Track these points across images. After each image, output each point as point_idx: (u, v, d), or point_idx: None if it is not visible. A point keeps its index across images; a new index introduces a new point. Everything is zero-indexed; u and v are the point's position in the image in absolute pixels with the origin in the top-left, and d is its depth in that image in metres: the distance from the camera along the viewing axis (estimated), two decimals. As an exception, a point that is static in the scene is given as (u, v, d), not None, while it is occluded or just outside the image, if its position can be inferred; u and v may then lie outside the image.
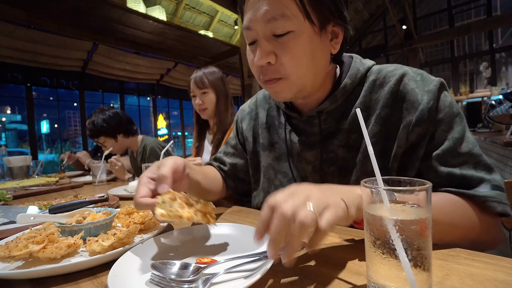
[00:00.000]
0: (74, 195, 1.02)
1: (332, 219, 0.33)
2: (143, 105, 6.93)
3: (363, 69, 0.60)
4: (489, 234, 0.50)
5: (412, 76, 0.55)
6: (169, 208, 0.44)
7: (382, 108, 0.56)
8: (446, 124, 0.52)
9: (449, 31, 7.40)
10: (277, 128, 0.73)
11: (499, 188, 0.49)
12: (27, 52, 4.04)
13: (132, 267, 0.43)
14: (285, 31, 0.50)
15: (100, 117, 1.70)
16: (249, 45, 0.57)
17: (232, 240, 0.52)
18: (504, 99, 2.79)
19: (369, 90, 0.58)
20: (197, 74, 1.41)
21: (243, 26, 0.55)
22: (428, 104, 0.51)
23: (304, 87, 0.56)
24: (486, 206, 0.48)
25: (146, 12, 4.19)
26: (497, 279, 0.34)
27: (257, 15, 0.51)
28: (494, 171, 0.51)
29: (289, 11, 0.49)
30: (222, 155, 0.87)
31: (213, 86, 1.40)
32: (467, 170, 0.50)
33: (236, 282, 0.37)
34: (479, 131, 3.56)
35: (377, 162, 0.35)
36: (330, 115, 0.62)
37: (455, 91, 7.44)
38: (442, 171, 0.51)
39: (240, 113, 0.86)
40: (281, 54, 0.52)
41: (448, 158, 0.51)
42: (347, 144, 0.60)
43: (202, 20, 5.91)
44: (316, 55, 0.53)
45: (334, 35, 0.56)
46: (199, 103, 1.41)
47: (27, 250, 0.45)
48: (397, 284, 0.29)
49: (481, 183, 0.49)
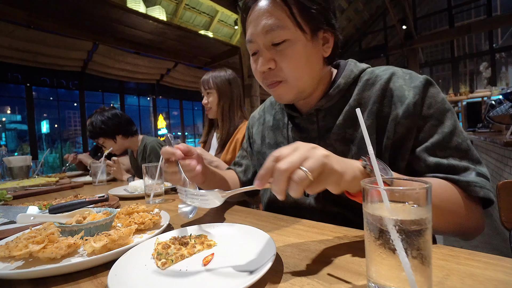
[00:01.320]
0: (74, 195, 1.02)
1: (322, 184, 0.39)
2: (143, 105, 6.93)
3: (357, 70, 0.67)
4: (473, 219, 0.52)
5: (401, 75, 0.62)
6: (166, 256, 0.45)
7: (373, 103, 0.61)
8: (437, 119, 0.56)
9: (449, 31, 7.41)
10: (281, 129, 0.79)
11: (483, 176, 0.52)
12: (27, 52, 4.04)
13: (132, 267, 0.43)
14: (282, 39, 0.59)
15: (99, 118, 1.70)
16: (252, 55, 0.65)
17: (232, 240, 0.52)
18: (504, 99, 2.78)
19: (362, 88, 0.64)
20: (206, 75, 1.48)
21: (246, 40, 0.64)
22: (413, 98, 0.57)
23: (303, 89, 0.64)
24: (469, 191, 0.50)
25: (146, 12, 4.20)
26: (497, 279, 0.34)
27: (258, 28, 0.60)
28: (481, 164, 0.54)
29: (283, 23, 0.58)
30: (239, 159, 0.97)
31: (217, 87, 1.45)
32: (454, 161, 0.53)
33: (236, 282, 0.37)
34: (479, 131, 3.56)
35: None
36: (327, 112, 0.68)
37: (455, 91, 7.44)
38: (430, 161, 0.54)
39: (251, 120, 0.96)
40: (280, 60, 0.60)
41: (436, 150, 0.54)
42: (343, 138, 0.65)
43: (202, 20, 5.91)
44: (310, 59, 0.61)
45: (325, 40, 0.63)
46: (205, 103, 1.48)
47: (27, 250, 0.45)
48: (397, 284, 0.29)
49: (466, 171, 0.52)
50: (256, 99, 4.84)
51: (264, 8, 0.59)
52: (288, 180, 0.37)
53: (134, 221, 0.59)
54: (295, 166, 0.37)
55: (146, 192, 0.97)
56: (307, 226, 0.59)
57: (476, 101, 5.75)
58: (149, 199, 0.95)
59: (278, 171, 0.37)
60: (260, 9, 0.59)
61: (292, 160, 0.38)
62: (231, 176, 0.90)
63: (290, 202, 0.75)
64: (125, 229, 0.53)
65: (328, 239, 0.51)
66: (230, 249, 0.49)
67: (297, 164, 0.37)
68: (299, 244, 0.50)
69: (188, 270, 0.42)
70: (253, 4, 0.61)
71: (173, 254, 0.45)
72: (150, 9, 4.37)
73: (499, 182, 0.78)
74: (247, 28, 0.63)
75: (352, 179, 0.41)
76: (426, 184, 0.29)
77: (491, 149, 2.94)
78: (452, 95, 6.79)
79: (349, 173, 0.41)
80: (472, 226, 0.52)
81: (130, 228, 0.53)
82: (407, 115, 0.56)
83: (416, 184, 0.31)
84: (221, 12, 5.83)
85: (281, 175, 0.37)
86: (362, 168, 0.44)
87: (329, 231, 0.55)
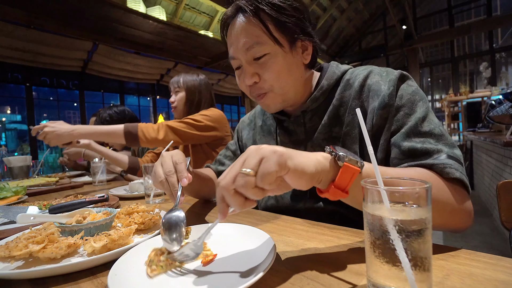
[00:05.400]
0: (74, 195, 1.02)
1: (266, 170, 0.36)
2: (143, 105, 6.93)
3: (339, 71, 0.70)
4: (460, 201, 0.49)
5: (378, 72, 0.65)
6: (158, 263, 0.43)
7: (353, 100, 0.65)
8: (409, 108, 0.58)
9: (449, 31, 7.41)
10: (272, 133, 0.81)
11: (456, 159, 0.51)
12: (27, 52, 4.04)
13: (132, 267, 0.43)
14: (262, 54, 0.62)
15: (107, 112, 1.86)
16: (236, 69, 0.70)
17: (232, 240, 0.52)
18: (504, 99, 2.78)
19: (343, 88, 0.68)
20: (177, 76, 1.49)
21: (229, 56, 0.68)
22: (388, 90, 0.59)
23: (287, 97, 0.67)
24: (445, 173, 0.49)
25: (146, 12, 4.19)
26: (497, 279, 0.34)
27: (239, 46, 0.63)
28: (456, 147, 0.54)
29: (261, 39, 0.61)
30: (222, 157, 0.95)
31: (186, 87, 1.46)
32: (427, 144, 0.53)
33: (236, 282, 0.37)
34: (479, 131, 3.56)
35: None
36: (313, 113, 0.70)
37: (455, 91, 7.43)
38: (404, 146, 0.55)
39: (240, 124, 0.96)
40: (262, 73, 0.64)
41: (410, 135, 0.56)
42: (330, 137, 0.68)
43: (202, 20, 5.90)
44: (291, 68, 0.65)
45: (304, 48, 0.67)
46: (172, 101, 1.48)
47: (27, 250, 0.45)
48: (397, 284, 0.29)
49: (439, 153, 0.52)
50: (256, 99, 4.84)
51: (241, 26, 0.62)
52: (235, 192, 0.37)
53: (134, 221, 0.59)
54: (234, 175, 0.37)
55: (146, 192, 0.97)
56: (307, 226, 0.59)
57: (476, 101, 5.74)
58: (149, 199, 0.95)
59: (221, 190, 0.38)
60: (238, 27, 0.63)
61: (230, 172, 0.38)
62: (210, 175, 0.89)
63: (285, 205, 0.75)
64: (125, 229, 0.53)
65: (328, 239, 0.52)
66: (230, 249, 0.49)
67: (236, 172, 0.37)
68: (299, 244, 0.50)
69: (188, 270, 0.42)
70: (231, 21, 0.65)
71: (164, 260, 0.44)
72: (150, 9, 4.36)
73: (499, 182, 0.78)
74: (229, 46, 0.67)
75: (314, 165, 0.39)
76: (426, 184, 0.29)
77: (491, 149, 2.94)
78: (452, 95, 6.78)
79: (304, 158, 0.39)
80: (461, 210, 0.49)
81: (130, 228, 0.53)
82: (383, 106, 0.59)
83: (416, 184, 0.31)
84: (221, 12, 5.81)
85: (225, 191, 0.37)
86: (326, 155, 0.42)
87: (329, 231, 0.55)
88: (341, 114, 0.66)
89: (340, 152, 0.41)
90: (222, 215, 0.39)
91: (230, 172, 0.38)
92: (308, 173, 0.39)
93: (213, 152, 1.43)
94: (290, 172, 0.37)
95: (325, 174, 0.41)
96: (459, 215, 0.49)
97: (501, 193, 0.78)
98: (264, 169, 0.36)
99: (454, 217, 0.49)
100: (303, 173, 0.38)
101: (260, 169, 0.36)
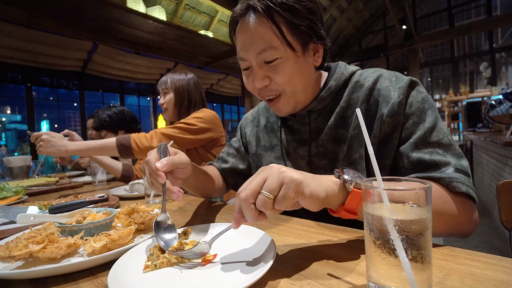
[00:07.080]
0: (74, 195, 1.02)
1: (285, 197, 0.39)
2: (143, 105, 6.94)
3: (347, 72, 0.68)
4: (465, 214, 0.51)
5: (387, 77, 0.64)
6: (156, 260, 0.44)
7: (361, 103, 0.64)
8: (418, 117, 0.58)
9: (449, 31, 7.40)
10: (276, 132, 0.80)
11: (463, 172, 0.52)
12: (27, 52, 4.04)
13: (132, 267, 0.43)
14: (274, 58, 0.60)
15: (106, 112, 1.82)
16: (244, 70, 0.67)
17: (232, 240, 0.52)
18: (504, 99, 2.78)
19: (351, 90, 0.66)
20: (164, 76, 1.46)
21: (238, 57, 0.65)
22: (398, 98, 0.58)
23: (299, 99, 0.66)
24: (452, 186, 0.50)
25: (146, 12, 4.19)
26: (497, 279, 0.35)
27: (249, 49, 0.61)
28: (463, 158, 0.55)
29: (274, 43, 0.59)
30: (224, 155, 0.95)
31: (174, 88, 1.42)
32: (435, 156, 0.54)
33: (236, 282, 0.37)
34: (479, 131, 3.56)
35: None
36: (319, 114, 0.69)
37: (455, 91, 7.43)
38: (413, 156, 0.55)
39: (243, 120, 0.95)
40: (273, 76, 0.62)
41: (419, 145, 0.56)
42: (335, 138, 0.67)
43: (202, 20, 5.90)
44: (303, 72, 0.63)
45: (315, 50, 0.65)
46: (161, 102, 1.45)
47: (27, 250, 0.45)
48: (397, 284, 0.29)
49: (447, 166, 0.53)
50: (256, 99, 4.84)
51: (253, 27, 0.59)
52: (253, 206, 0.40)
53: (134, 221, 0.59)
54: (254, 191, 0.40)
55: (146, 192, 0.97)
56: (306, 226, 0.59)
57: (476, 101, 5.74)
58: (149, 199, 0.95)
59: (240, 201, 0.40)
60: (249, 28, 0.60)
61: (251, 186, 0.40)
62: (213, 172, 0.88)
63: None
64: (125, 229, 0.53)
65: (328, 239, 0.52)
66: (230, 249, 0.49)
67: (257, 188, 0.40)
68: (299, 244, 0.50)
69: (187, 270, 0.42)
70: (241, 19, 0.61)
71: (162, 258, 0.44)
72: (150, 9, 4.36)
73: (499, 182, 0.78)
74: (236, 42, 0.65)
75: (325, 190, 0.43)
76: (426, 184, 0.29)
77: (491, 149, 2.93)
78: (452, 95, 6.78)
79: (318, 184, 0.42)
80: (467, 222, 0.52)
81: (130, 228, 0.53)
82: (392, 114, 0.58)
83: (416, 184, 0.31)
84: (221, 12, 5.82)
85: (243, 203, 0.40)
86: (336, 180, 0.45)
87: (328, 231, 0.55)
88: (348, 116, 0.65)
89: (347, 176, 0.44)
90: (236, 224, 0.42)
91: (250, 186, 0.40)
92: (321, 198, 0.42)
93: (208, 154, 1.41)
94: (306, 199, 0.41)
95: (335, 198, 0.44)
96: (465, 226, 0.52)
97: (501, 193, 0.78)
98: (283, 196, 0.39)
99: (459, 227, 0.51)
100: (317, 199, 0.42)
101: (280, 195, 0.39)
